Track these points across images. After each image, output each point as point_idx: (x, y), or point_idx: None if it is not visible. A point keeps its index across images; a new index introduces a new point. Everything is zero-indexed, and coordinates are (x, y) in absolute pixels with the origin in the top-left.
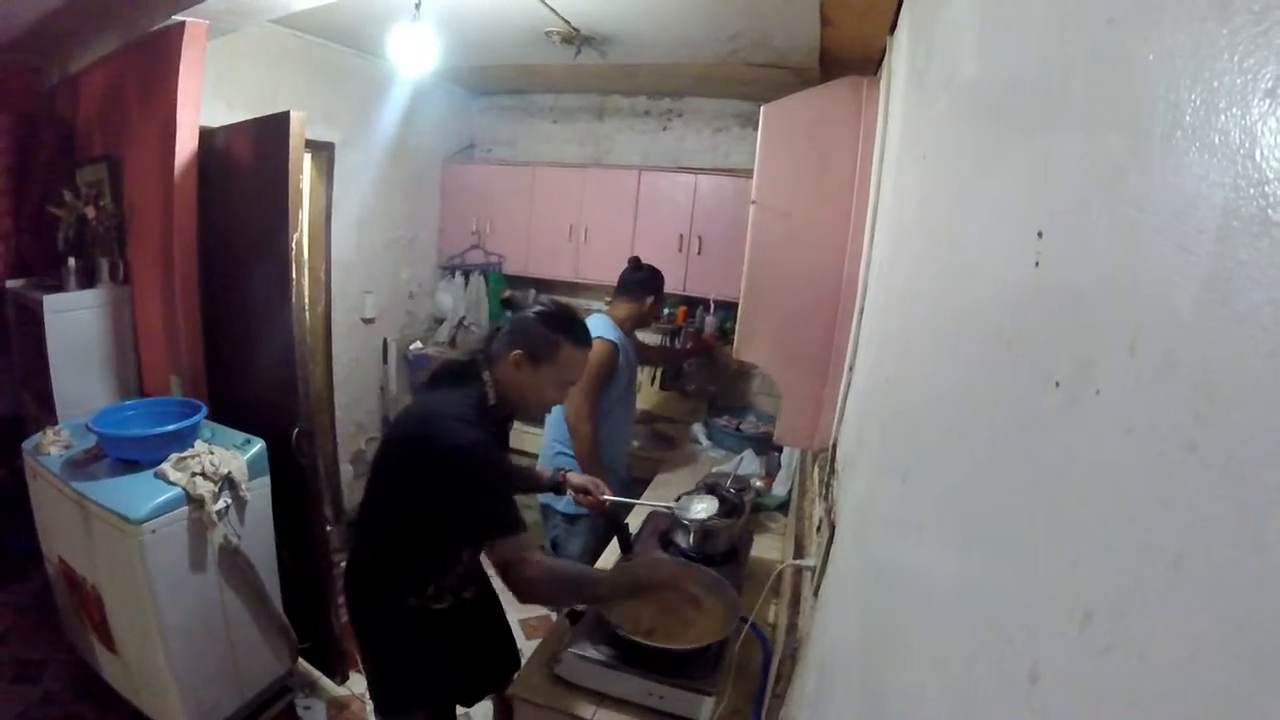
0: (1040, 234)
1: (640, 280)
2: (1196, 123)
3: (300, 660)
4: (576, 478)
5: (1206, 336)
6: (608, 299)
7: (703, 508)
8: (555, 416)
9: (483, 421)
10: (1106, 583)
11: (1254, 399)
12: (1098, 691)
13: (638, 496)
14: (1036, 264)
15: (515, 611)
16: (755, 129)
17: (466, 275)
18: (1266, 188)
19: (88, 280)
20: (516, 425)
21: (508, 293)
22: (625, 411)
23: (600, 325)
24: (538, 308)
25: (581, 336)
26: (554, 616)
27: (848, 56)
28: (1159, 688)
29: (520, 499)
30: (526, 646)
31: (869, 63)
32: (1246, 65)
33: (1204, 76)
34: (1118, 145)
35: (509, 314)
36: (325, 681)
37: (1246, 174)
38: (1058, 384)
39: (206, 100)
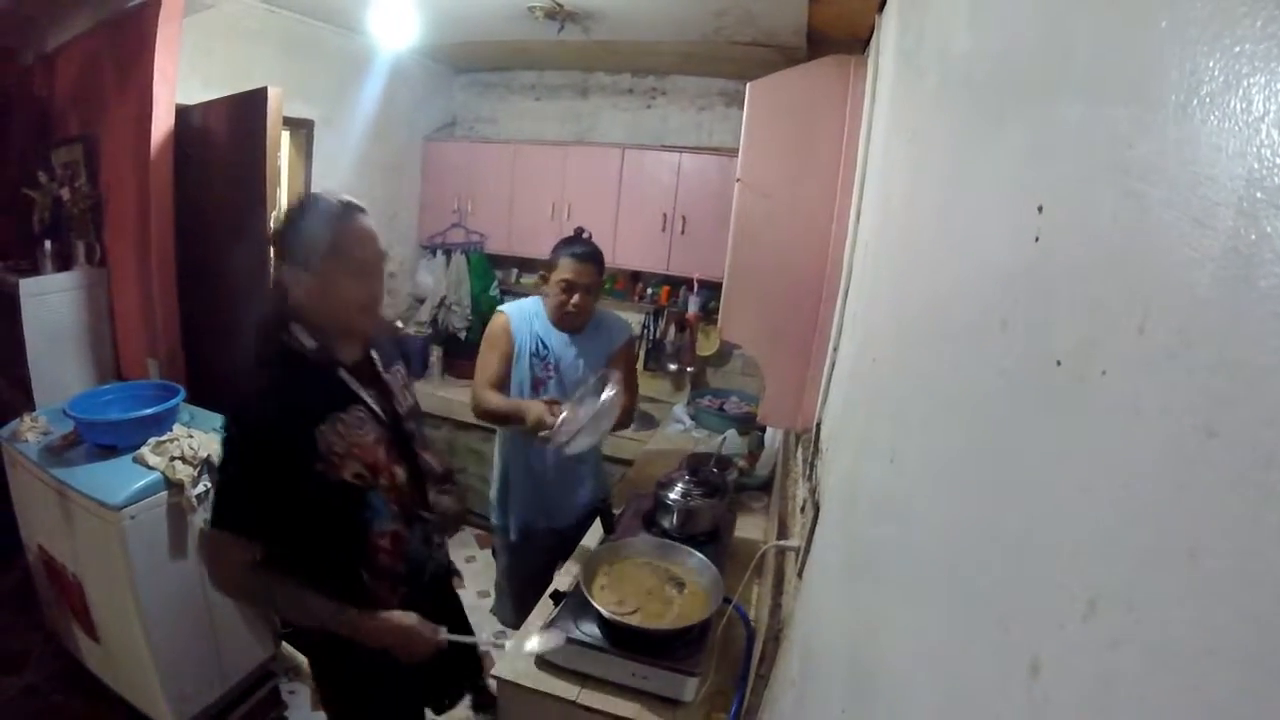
0: (1040, 208)
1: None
2: (1215, 90)
3: (284, 645)
4: (448, 504)
5: (1226, 314)
6: None
7: None
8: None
9: (296, 380)
10: (1112, 572)
11: None
12: (1105, 686)
13: (614, 481)
14: (1036, 239)
15: None
16: (740, 108)
17: (448, 254)
18: None
19: (63, 263)
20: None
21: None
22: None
23: (516, 301)
24: (287, 210)
25: (329, 210)
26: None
27: (835, 35)
28: (1171, 684)
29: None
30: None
31: (856, 41)
32: (1272, 30)
33: (1224, 43)
34: (1126, 116)
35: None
36: (309, 665)
37: (1273, 143)
38: (1059, 363)
39: (182, 78)
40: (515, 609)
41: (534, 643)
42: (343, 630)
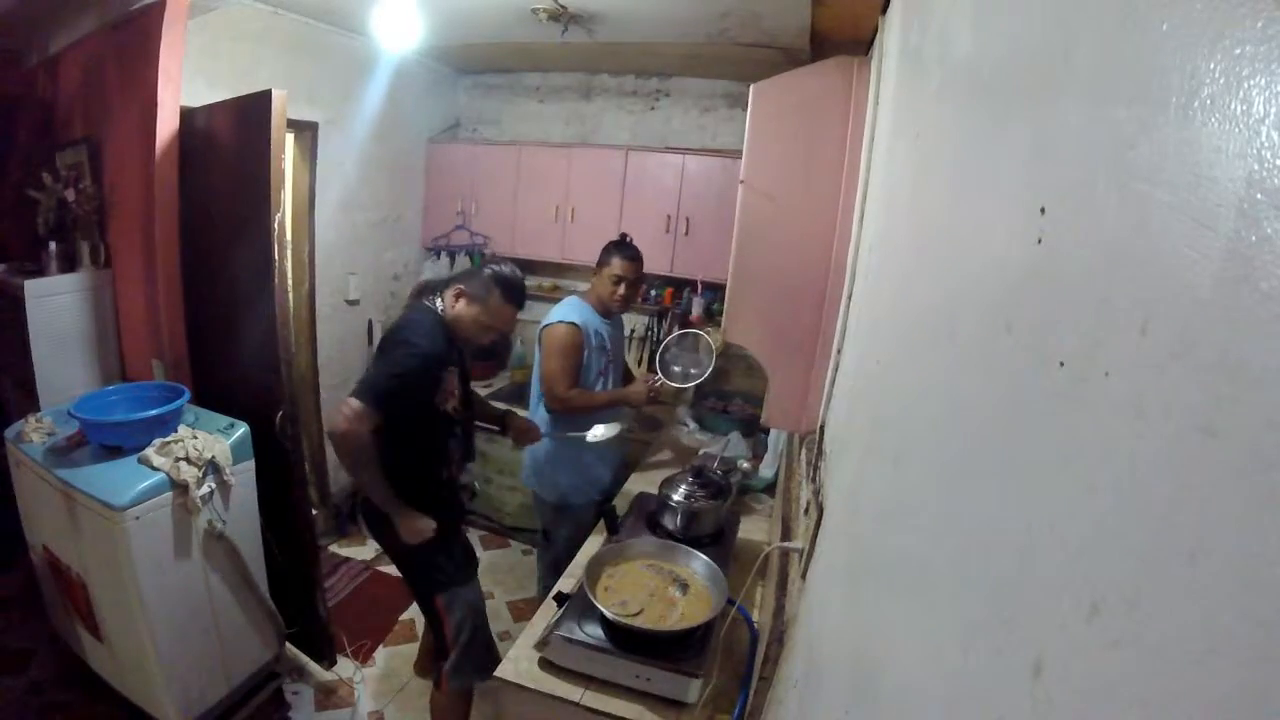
0: (1043, 210)
1: (599, 258)
2: (1215, 92)
3: (287, 645)
4: (518, 419)
5: (1227, 315)
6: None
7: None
8: (534, 404)
9: (439, 330)
10: (1116, 573)
11: None
12: (1108, 686)
13: (625, 481)
14: (1039, 241)
15: (504, 593)
16: (743, 109)
17: (452, 256)
18: None
19: (68, 264)
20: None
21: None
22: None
23: (564, 307)
24: (494, 265)
25: (513, 295)
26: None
27: (838, 36)
28: (1174, 684)
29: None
30: (514, 629)
31: (859, 43)
32: (1271, 32)
33: (1224, 45)
34: (1127, 118)
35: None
36: (313, 666)
37: (1273, 144)
38: (1062, 364)
39: (187, 80)
40: None
41: (598, 431)
42: (387, 508)
